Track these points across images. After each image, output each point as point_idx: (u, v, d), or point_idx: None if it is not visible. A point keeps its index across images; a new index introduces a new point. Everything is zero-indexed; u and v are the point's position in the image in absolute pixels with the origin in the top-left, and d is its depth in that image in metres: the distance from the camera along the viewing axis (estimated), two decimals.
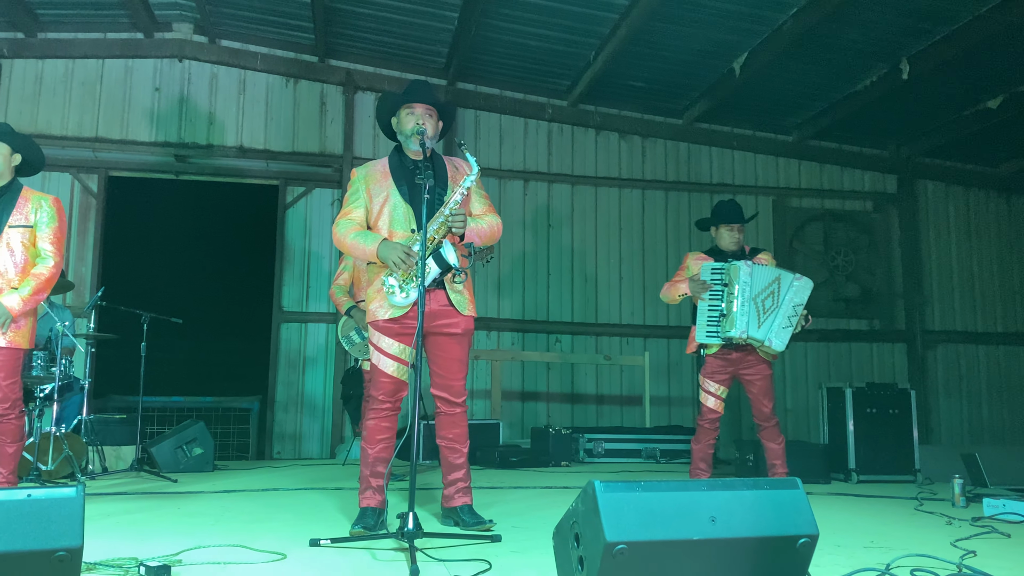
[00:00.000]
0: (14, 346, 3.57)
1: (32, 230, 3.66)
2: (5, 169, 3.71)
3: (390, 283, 3.18)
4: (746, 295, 4.32)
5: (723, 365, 4.51)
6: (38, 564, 1.75)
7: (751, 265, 4.39)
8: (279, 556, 2.67)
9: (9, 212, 3.64)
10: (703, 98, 8.23)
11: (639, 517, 1.94)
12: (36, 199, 3.73)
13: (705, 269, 4.49)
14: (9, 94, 7.80)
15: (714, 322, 4.41)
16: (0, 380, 3.54)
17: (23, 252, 3.63)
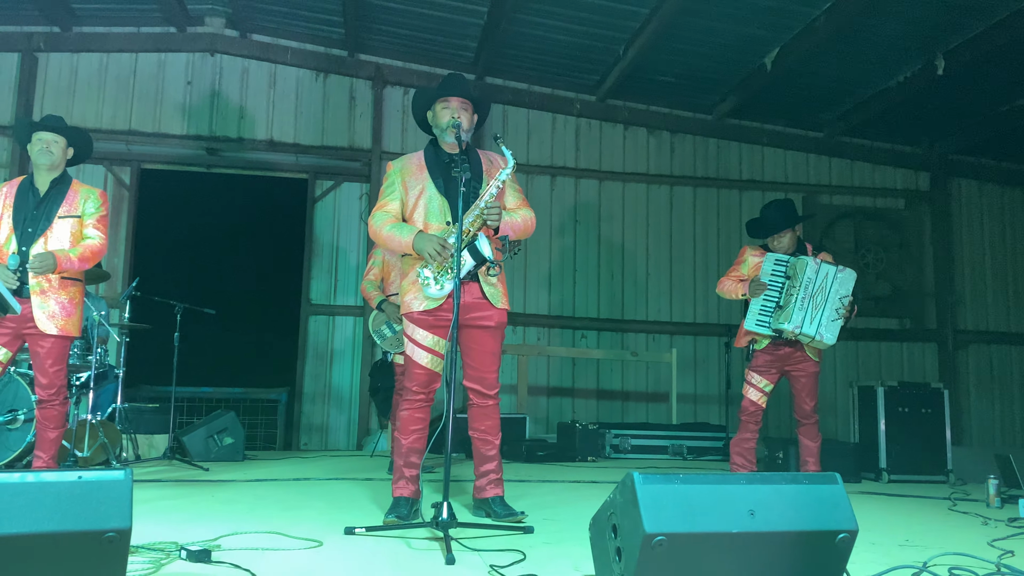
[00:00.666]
0: (64, 334, 3.69)
1: (79, 220, 3.80)
2: (61, 161, 3.85)
3: (425, 275, 3.20)
4: (809, 290, 4.27)
5: (772, 360, 4.44)
6: (88, 544, 1.79)
7: (819, 262, 4.34)
8: (315, 543, 2.70)
9: (59, 203, 3.76)
10: (733, 94, 8.17)
11: (678, 509, 1.94)
12: (84, 191, 3.88)
13: (769, 259, 4.40)
14: (45, 87, 7.91)
15: (767, 312, 4.34)
16: (48, 367, 3.66)
17: (70, 242, 3.75)
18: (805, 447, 4.56)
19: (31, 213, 3.73)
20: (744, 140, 8.85)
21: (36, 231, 3.71)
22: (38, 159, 3.79)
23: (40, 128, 3.84)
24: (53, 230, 3.71)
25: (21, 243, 3.68)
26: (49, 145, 3.78)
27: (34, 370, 3.73)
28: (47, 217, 3.73)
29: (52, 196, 3.78)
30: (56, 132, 3.82)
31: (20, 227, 3.69)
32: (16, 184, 3.83)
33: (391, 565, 2.46)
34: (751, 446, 4.53)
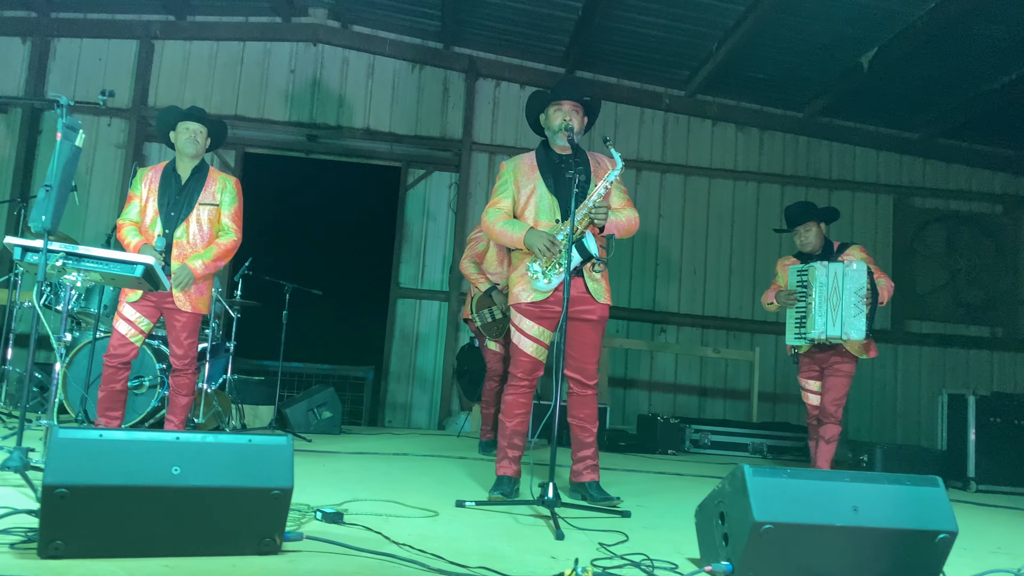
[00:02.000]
0: (197, 311, 3.99)
1: (217, 208, 4.05)
2: (202, 150, 4.09)
3: (535, 269, 3.37)
4: (823, 295, 4.43)
5: (811, 363, 4.64)
6: (257, 500, 2.03)
7: (826, 265, 4.48)
8: (431, 513, 2.92)
9: (200, 190, 4.02)
10: (826, 92, 8.08)
11: (785, 501, 2.07)
12: (221, 179, 4.13)
13: (792, 272, 4.66)
14: (160, 73, 8.36)
15: (800, 324, 4.56)
16: (183, 339, 3.96)
17: (209, 227, 4.02)
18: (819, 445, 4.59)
19: (174, 198, 3.97)
20: (835, 139, 8.74)
21: (179, 216, 3.96)
22: (184, 147, 4.01)
23: (188, 118, 4.06)
24: (195, 215, 3.97)
25: (165, 226, 3.93)
26: (196, 135, 4.01)
27: (169, 342, 4.02)
28: (189, 203, 3.98)
29: (193, 183, 4.02)
30: (201, 122, 4.06)
31: (164, 211, 3.95)
32: (160, 170, 4.09)
33: (505, 536, 2.66)
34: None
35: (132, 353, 3.92)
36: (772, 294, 4.76)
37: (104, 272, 3.08)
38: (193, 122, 4.05)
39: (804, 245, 4.67)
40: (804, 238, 4.66)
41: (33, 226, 2.88)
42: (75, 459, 1.88)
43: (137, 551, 1.97)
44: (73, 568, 1.85)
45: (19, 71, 8.19)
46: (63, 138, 2.85)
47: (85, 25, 8.25)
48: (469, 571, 2.07)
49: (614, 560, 2.33)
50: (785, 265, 4.78)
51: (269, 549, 2.08)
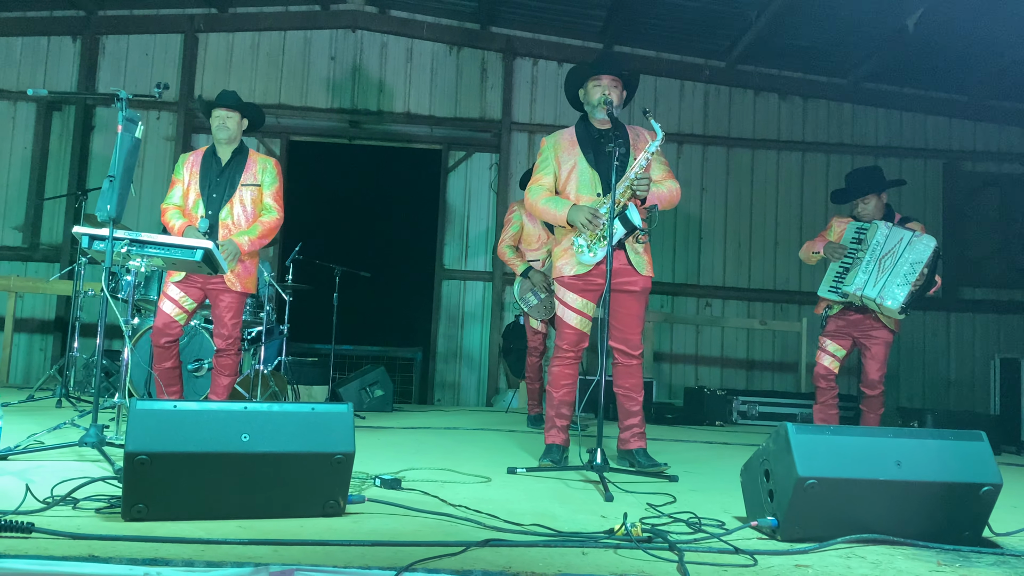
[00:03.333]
0: (245, 290, 4.12)
1: (259, 188, 4.19)
2: (237, 134, 4.24)
3: (580, 243, 3.43)
4: (875, 254, 4.26)
5: (843, 326, 4.46)
6: (321, 464, 2.15)
7: (890, 226, 4.32)
8: (484, 479, 3.03)
9: (241, 172, 4.17)
10: (871, 57, 7.93)
11: (829, 457, 2.12)
12: (261, 161, 4.26)
13: (851, 227, 4.46)
14: (205, 65, 8.56)
15: (839, 279, 4.39)
16: (228, 319, 4.10)
17: (252, 207, 4.16)
18: (866, 419, 4.51)
19: (215, 180, 4.12)
20: (881, 105, 8.59)
21: (222, 197, 4.10)
22: (217, 133, 4.17)
23: (217, 105, 4.21)
24: (238, 196, 4.11)
25: (208, 207, 4.08)
26: (225, 120, 4.15)
27: (214, 322, 4.14)
28: (231, 185, 4.12)
29: (233, 165, 4.16)
30: (230, 108, 4.19)
31: (206, 193, 4.10)
32: (200, 154, 4.25)
33: (557, 498, 2.76)
34: (834, 412, 4.55)
35: (177, 331, 4.07)
36: (820, 244, 4.56)
37: (166, 257, 3.23)
38: (222, 108, 4.18)
39: (865, 215, 4.49)
40: (864, 208, 4.48)
41: (99, 215, 3.04)
42: (153, 429, 2.02)
43: (212, 513, 2.10)
44: (156, 529, 1.99)
45: (71, 69, 8.46)
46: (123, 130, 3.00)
47: (132, 21, 8.48)
48: (523, 528, 2.16)
49: (662, 518, 2.40)
50: (843, 221, 4.58)
51: (333, 511, 2.21)
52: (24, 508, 2.08)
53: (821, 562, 2.02)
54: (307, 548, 1.87)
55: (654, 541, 2.06)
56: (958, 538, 2.23)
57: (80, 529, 1.93)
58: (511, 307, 8.22)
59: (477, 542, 1.96)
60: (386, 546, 1.91)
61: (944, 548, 2.18)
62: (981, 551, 2.20)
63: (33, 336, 8.13)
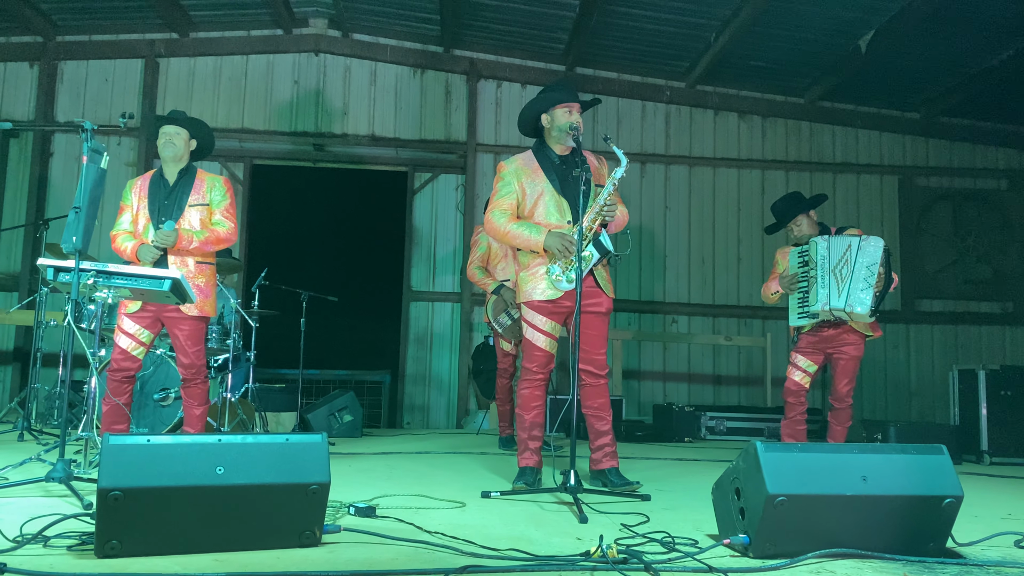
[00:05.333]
0: (204, 314, 4.00)
1: (208, 207, 4.09)
2: (184, 153, 4.11)
3: (556, 270, 3.48)
4: (825, 268, 4.36)
5: (815, 342, 4.54)
6: (297, 495, 2.15)
7: (827, 238, 4.42)
8: (459, 504, 3.04)
9: (188, 192, 4.06)
10: (826, 76, 8.15)
11: (797, 474, 2.17)
12: (210, 180, 4.15)
13: (792, 254, 4.59)
14: (166, 90, 8.49)
15: (803, 303, 4.48)
16: (189, 348, 3.97)
17: (201, 228, 4.04)
18: (833, 431, 4.60)
19: (163, 202, 4.00)
20: (837, 123, 8.82)
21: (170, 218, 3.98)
22: (163, 151, 4.06)
23: (164, 122, 4.11)
24: (185, 217, 4.00)
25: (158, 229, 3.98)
26: (172, 138, 4.05)
27: (176, 352, 4.04)
28: (179, 205, 4.01)
29: (181, 185, 4.06)
30: (178, 124, 4.09)
31: (155, 215, 3.98)
32: (147, 178, 4.15)
33: (532, 521, 2.77)
34: (802, 428, 4.63)
35: (136, 366, 3.95)
36: (774, 283, 4.69)
37: (134, 288, 3.20)
38: (170, 126, 4.09)
39: (800, 237, 4.60)
40: (798, 231, 4.60)
41: (64, 247, 3.01)
42: (126, 464, 2.00)
43: (188, 547, 2.08)
44: (130, 565, 1.97)
45: (28, 95, 8.35)
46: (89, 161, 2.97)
47: (90, 47, 8.41)
48: (500, 553, 2.18)
49: (636, 539, 2.43)
50: (785, 252, 4.73)
51: (310, 541, 2.20)
52: None
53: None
54: None
55: (629, 562, 2.09)
56: (923, 550, 2.29)
57: (53, 568, 1.91)
58: (480, 328, 8.24)
59: (455, 569, 1.97)
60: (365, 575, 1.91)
61: (910, 560, 2.24)
62: (945, 562, 2.27)
63: None
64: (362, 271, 9.27)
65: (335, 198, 9.06)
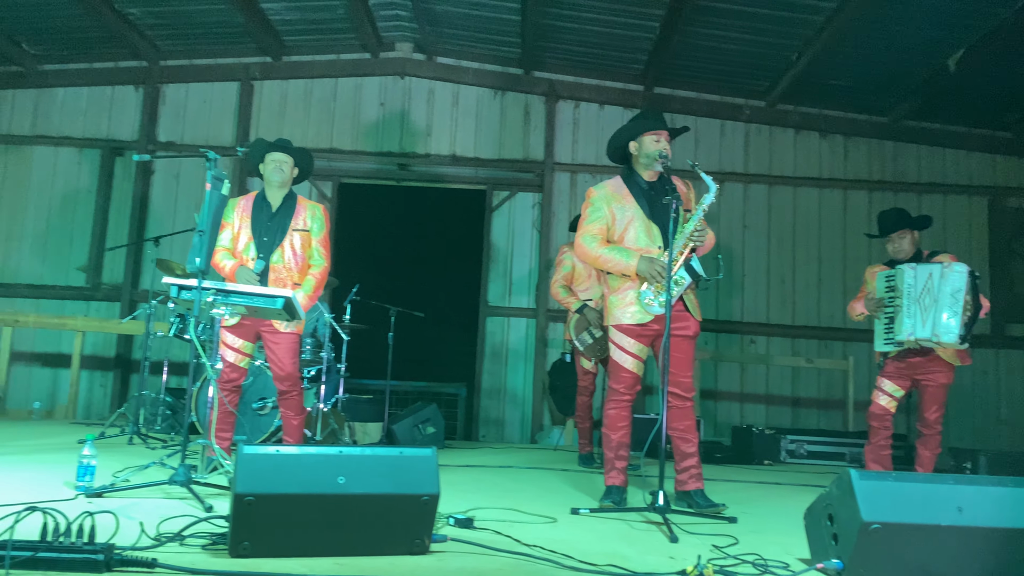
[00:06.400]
0: (297, 331, 4.26)
1: (308, 234, 4.34)
2: (289, 179, 4.40)
3: (648, 294, 3.58)
4: (911, 297, 4.34)
5: (902, 368, 4.53)
6: (409, 505, 2.30)
7: (915, 266, 4.40)
8: (550, 519, 3.15)
9: (291, 217, 4.33)
10: (912, 95, 8.02)
11: (892, 502, 2.21)
12: (310, 207, 4.42)
13: (880, 278, 4.59)
14: (260, 112, 8.90)
15: (889, 330, 4.48)
16: (286, 361, 4.22)
17: (302, 251, 4.32)
18: (921, 457, 4.56)
19: (266, 224, 4.26)
20: (923, 142, 8.64)
21: (273, 241, 4.24)
22: (271, 176, 4.31)
23: (274, 149, 4.35)
24: (288, 241, 4.25)
25: (259, 251, 4.23)
26: (281, 164, 4.31)
27: (271, 364, 4.26)
28: (282, 230, 4.26)
29: (284, 210, 4.31)
30: (287, 152, 4.35)
31: (258, 237, 4.25)
32: (251, 199, 4.39)
33: (623, 539, 2.87)
34: (886, 453, 4.60)
35: (242, 376, 4.24)
36: (860, 304, 4.70)
37: (249, 305, 3.43)
38: (280, 152, 4.34)
39: (897, 252, 4.62)
40: (898, 245, 4.61)
41: (188, 267, 3.25)
42: (259, 472, 2.19)
43: (310, 551, 2.26)
44: (261, 565, 2.15)
45: (133, 116, 8.86)
46: (212, 188, 3.22)
47: (191, 70, 8.88)
48: (599, 568, 2.28)
49: (728, 560, 2.50)
50: (874, 272, 4.72)
51: (419, 549, 2.35)
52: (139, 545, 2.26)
53: None
54: None
55: None
56: None
57: (195, 565, 2.10)
58: (555, 344, 8.35)
59: None
60: None
61: None
62: None
63: (94, 373, 8.43)
64: (440, 286, 9.48)
65: (416, 215, 9.32)
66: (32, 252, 8.57)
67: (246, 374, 4.28)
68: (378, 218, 9.30)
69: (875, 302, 4.56)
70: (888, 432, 4.60)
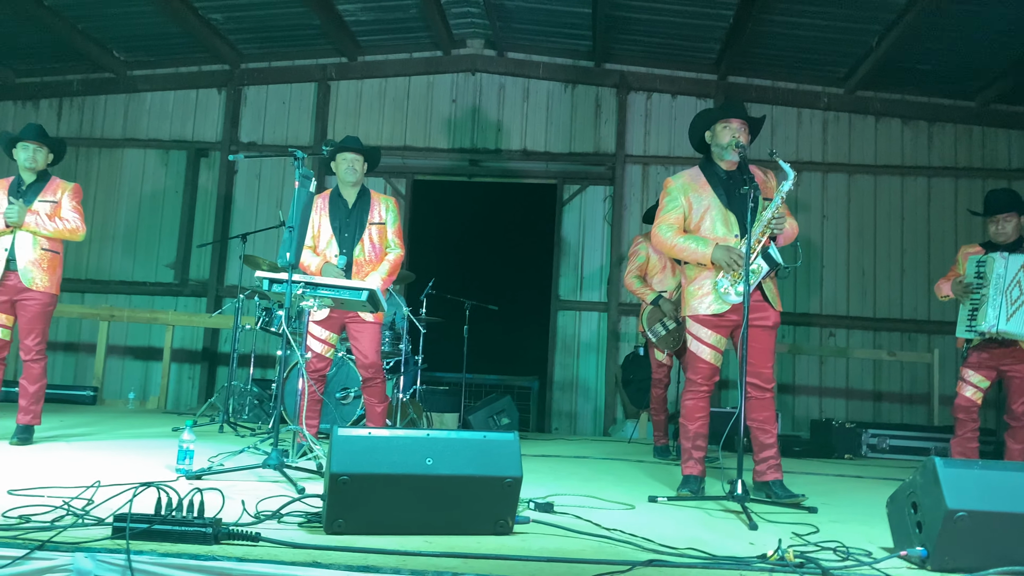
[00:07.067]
0: (378, 321, 4.43)
1: (383, 227, 4.54)
2: (360, 176, 4.60)
3: (724, 283, 3.58)
4: (998, 288, 4.22)
5: (986, 359, 4.42)
6: (493, 487, 2.39)
7: (1007, 256, 4.27)
8: (628, 506, 3.20)
9: (367, 212, 4.54)
10: (1000, 78, 7.71)
11: (977, 490, 2.19)
12: (383, 200, 4.64)
13: (971, 262, 4.46)
14: (337, 111, 9.15)
15: (973, 317, 4.37)
16: (368, 349, 4.40)
17: (380, 243, 4.53)
18: (1011, 451, 4.44)
19: (345, 220, 4.48)
20: (1013, 127, 8.30)
21: (354, 236, 4.45)
22: (345, 176, 4.52)
23: (345, 148, 4.56)
24: (367, 234, 4.47)
25: (341, 246, 4.44)
26: (353, 163, 4.52)
27: (356, 355, 4.45)
28: (360, 225, 4.47)
29: (360, 205, 4.54)
30: (358, 152, 4.55)
31: (338, 233, 4.46)
32: (327, 196, 4.60)
33: (702, 526, 2.90)
34: (974, 447, 4.48)
35: (327, 366, 4.43)
36: (948, 284, 4.58)
37: (336, 297, 3.58)
38: (350, 152, 4.55)
39: (998, 235, 4.47)
40: (1002, 227, 4.46)
41: (280, 262, 3.42)
42: (352, 452, 2.30)
43: (399, 529, 2.37)
44: (355, 541, 2.27)
45: (216, 118, 9.22)
46: (300, 186, 3.37)
47: (270, 73, 9.18)
48: (679, 552, 2.32)
49: (808, 546, 2.51)
50: (968, 254, 4.58)
51: (503, 530, 2.44)
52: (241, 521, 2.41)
53: None
54: (492, 562, 2.10)
55: (806, 567, 2.18)
56: None
57: (294, 539, 2.23)
58: (626, 337, 8.35)
59: (641, 562, 2.14)
60: (560, 562, 2.12)
61: None
62: None
63: (182, 365, 8.83)
64: (512, 280, 9.58)
65: (489, 210, 9.43)
66: (124, 250, 9.02)
67: (331, 364, 4.45)
68: (451, 214, 9.45)
69: (963, 286, 4.44)
70: (975, 425, 4.48)
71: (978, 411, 4.49)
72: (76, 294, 8.82)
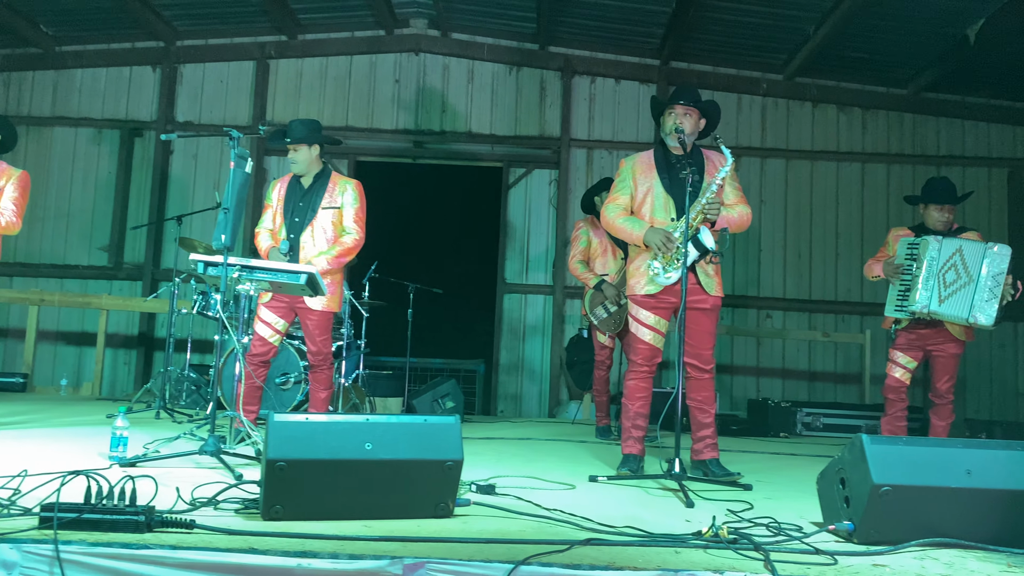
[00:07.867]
0: (329, 310, 4.35)
1: (339, 211, 4.39)
2: (311, 161, 4.44)
3: (655, 266, 3.64)
4: (932, 270, 4.31)
5: (914, 339, 4.55)
6: (434, 470, 2.39)
7: (941, 240, 4.37)
8: (569, 486, 3.24)
9: (321, 196, 4.39)
10: (931, 67, 7.95)
11: (902, 465, 2.28)
12: (342, 183, 4.46)
13: (902, 244, 4.54)
14: (276, 90, 8.95)
15: (902, 296, 4.47)
16: (317, 337, 4.34)
17: (333, 230, 4.37)
18: (934, 427, 4.60)
19: (297, 204, 4.34)
20: (943, 114, 8.58)
21: (303, 221, 4.32)
22: (292, 169, 4.44)
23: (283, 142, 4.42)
24: (317, 220, 4.31)
25: (289, 231, 4.31)
26: (292, 156, 4.39)
27: (306, 340, 4.38)
28: (312, 208, 4.32)
29: (314, 189, 4.37)
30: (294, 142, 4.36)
31: (288, 217, 4.33)
32: (287, 180, 4.48)
33: (641, 504, 2.96)
34: (903, 425, 4.64)
35: (271, 352, 4.31)
36: (879, 265, 4.67)
37: (273, 281, 3.52)
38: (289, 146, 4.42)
39: (935, 223, 4.56)
40: (938, 217, 4.55)
41: (215, 244, 3.34)
42: (289, 438, 2.28)
43: (339, 514, 2.35)
44: (293, 527, 2.24)
45: (151, 96, 8.94)
46: (235, 166, 3.29)
47: (207, 50, 8.93)
48: (617, 530, 2.36)
49: (743, 523, 2.57)
50: (898, 236, 4.66)
51: (444, 513, 2.44)
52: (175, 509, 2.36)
53: (897, 562, 2.18)
54: (431, 544, 2.10)
55: (740, 542, 2.24)
56: None
57: (230, 526, 2.20)
58: (571, 320, 8.41)
59: (580, 541, 2.17)
60: (500, 543, 2.13)
61: (1014, 552, 2.31)
62: None
63: (118, 351, 8.59)
64: (458, 263, 9.56)
65: (433, 193, 9.38)
66: (54, 232, 8.70)
67: (276, 350, 4.37)
68: (395, 196, 9.36)
69: (894, 267, 4.52)
70: (904, 404, 4.65)
71: (906, 391, 4.64)
72: (4, 278, 8.50)
